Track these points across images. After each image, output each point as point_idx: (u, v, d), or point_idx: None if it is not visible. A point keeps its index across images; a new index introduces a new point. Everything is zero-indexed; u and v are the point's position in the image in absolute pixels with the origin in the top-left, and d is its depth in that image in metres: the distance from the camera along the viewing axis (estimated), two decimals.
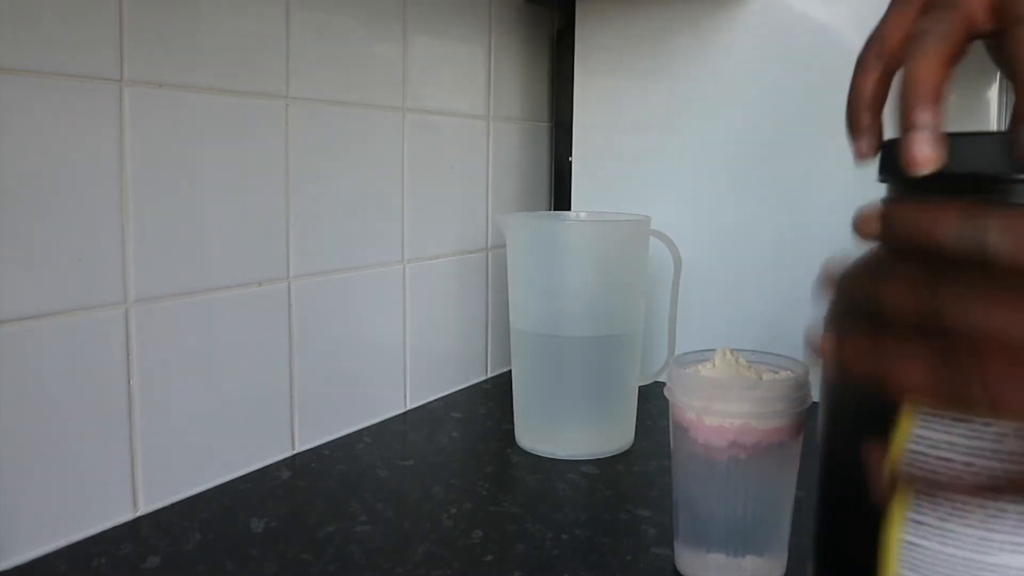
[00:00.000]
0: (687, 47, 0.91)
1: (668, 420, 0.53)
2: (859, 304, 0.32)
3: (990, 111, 0.82)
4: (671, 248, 0.75)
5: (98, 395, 0.56)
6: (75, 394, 0.55)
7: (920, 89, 0.33)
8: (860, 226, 0.32)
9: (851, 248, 0.35)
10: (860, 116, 0.38)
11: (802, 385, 0.51)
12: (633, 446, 0.75)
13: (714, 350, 0.54)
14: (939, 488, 0.33)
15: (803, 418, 0.51)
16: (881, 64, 0.37)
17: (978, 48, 0.37)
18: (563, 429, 0.73)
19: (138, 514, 0.59)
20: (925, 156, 0.32)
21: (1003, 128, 0.33)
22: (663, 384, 0.54)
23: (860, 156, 0.38)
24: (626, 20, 0.93)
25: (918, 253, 0.30)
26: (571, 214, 0.91)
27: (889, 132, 0.36)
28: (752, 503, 0.50)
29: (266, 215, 0.67)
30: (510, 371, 0.80)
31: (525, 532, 0.58)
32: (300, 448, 0.72)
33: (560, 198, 1.02)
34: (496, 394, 0.91)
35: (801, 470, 0.52)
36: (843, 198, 0.85)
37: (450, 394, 0.90)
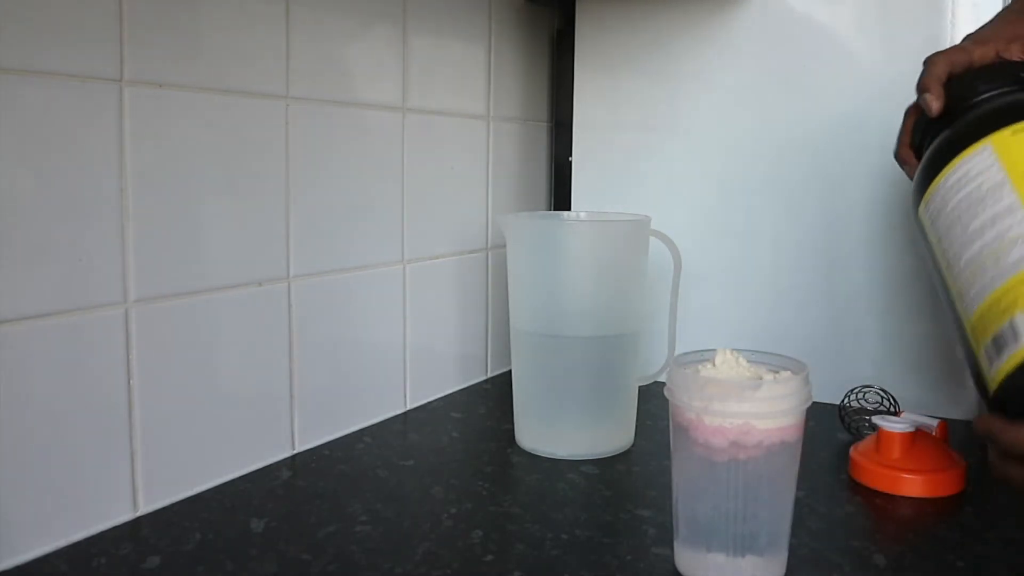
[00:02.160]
0: (687, 47, 0.91)
1: (668, 420, 0.53)
2: None
3: None
4: (671, 248, 0.75)
5: (98, 395, 0.56)
6: (75, 394, 0.55)
7: (926, 75, 0.59)
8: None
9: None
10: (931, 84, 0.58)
11: (802, 385, 0.51)
12: (633, 446, 0.75)
13: (714, 350, 0.54)
14: None
15: (803, 418, 0.51)
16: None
17: None
18: (563, 429, 0.73)
19: (138, 514, 0.59)
20: (931, 106, 0.57)
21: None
22: (663, 384, 0.54)
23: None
24: (626, 20, 0.93)
25: None
26: (571, 214, 0.91)
27: None
28: (752, 503, 0.50)
29: (266, 215, 0.67)
30: (510, 371, 0.80)
31: (525, 532, 0.58)
32: (300, 448, 0.72)
33: (560, 198, 1.02)
34: (496, 394, 0.91)
35: (801, 470, 0.52)
36: (843, 197, 0.85)
37: (450, 394, 0.90)
